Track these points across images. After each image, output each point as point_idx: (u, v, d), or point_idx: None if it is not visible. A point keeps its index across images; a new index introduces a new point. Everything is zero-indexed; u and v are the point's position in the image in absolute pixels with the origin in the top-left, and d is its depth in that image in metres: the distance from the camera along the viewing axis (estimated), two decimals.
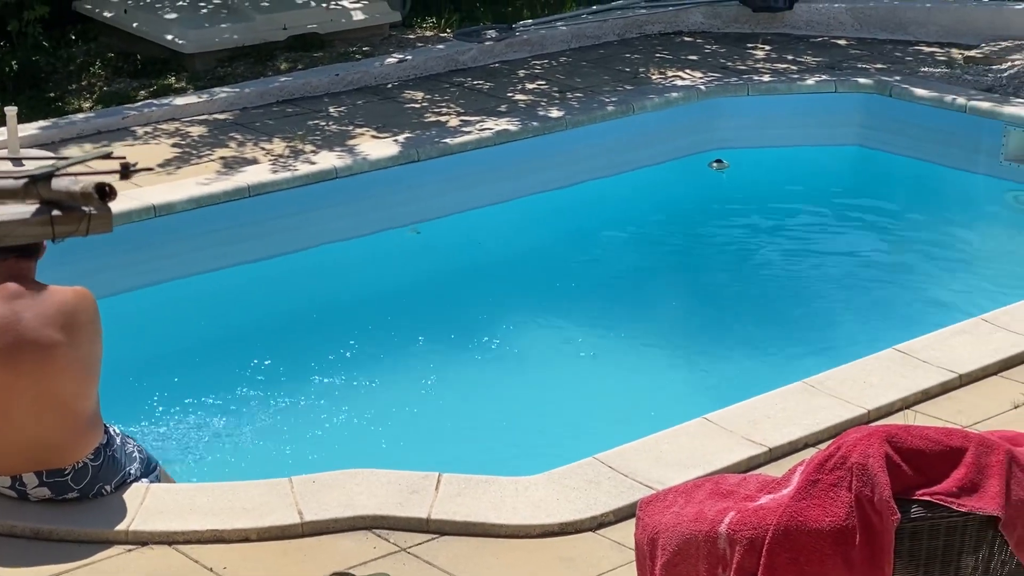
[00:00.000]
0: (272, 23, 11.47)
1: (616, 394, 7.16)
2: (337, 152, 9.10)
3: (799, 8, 12.27)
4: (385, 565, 5.08)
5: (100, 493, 5.42)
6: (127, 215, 8.08)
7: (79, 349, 5.27)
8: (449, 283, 8.56)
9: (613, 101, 10.18)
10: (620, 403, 7.01)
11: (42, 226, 5.04)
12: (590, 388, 7.24)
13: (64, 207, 5.04)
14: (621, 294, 8.40)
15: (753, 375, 7.03)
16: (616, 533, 5.18)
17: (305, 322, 7.95)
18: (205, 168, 8.86)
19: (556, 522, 5.26)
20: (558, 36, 11.77)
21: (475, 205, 9.23)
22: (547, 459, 5.69)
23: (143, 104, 10.06)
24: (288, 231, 8.60)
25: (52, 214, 5.05)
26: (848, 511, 3.93)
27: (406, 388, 7.23)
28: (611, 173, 9.86)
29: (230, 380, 7.19)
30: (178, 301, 7.99)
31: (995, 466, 4.00)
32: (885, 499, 3.89)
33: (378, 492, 5.42)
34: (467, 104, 10.18)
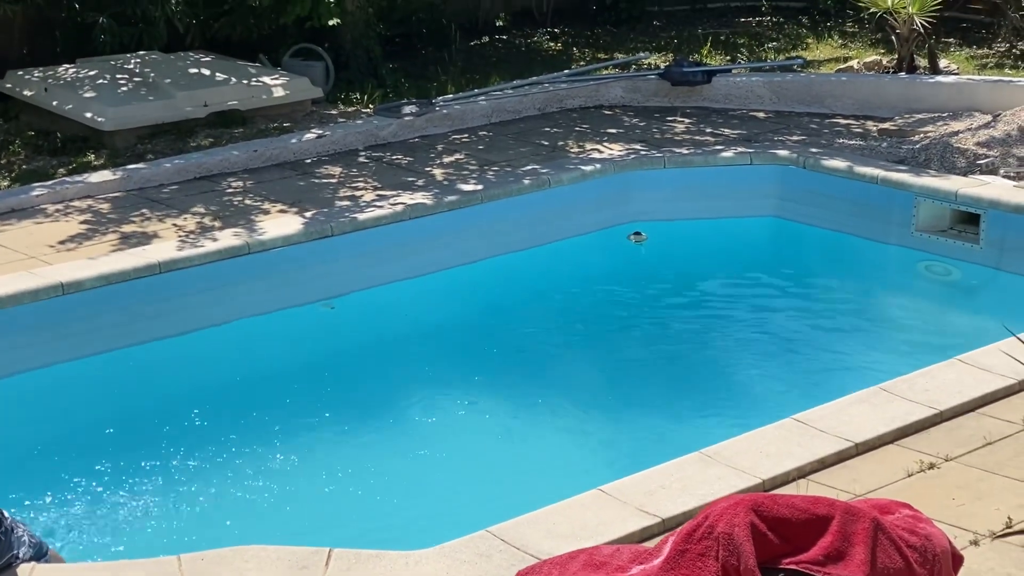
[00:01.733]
0: (193, 100, 11.51)
1: (512, 466, 7.17)
2: (249, 228, 9.11)
3: (717, 82, 12.42)
4: None
5: None
6: (33, 293, 8.07)
7: None
8: (359, 358, 8.56)
9: (530, 174, 10.25)
10: (517, 475, 7.02)
11: None
12: (487, 461, 7.25)
13: None
14: (529, 366, 8.42)
15: (652, 446, 7.05)
16: None
17: (209, 398, 7.91)
18: (116, 245, 8.85)
19: None
20: (478, 111, 11.86)
21: (390, 279, 9.26)
22: (440, 532, 5.67)
23: (57, 182, 10.06)
24: (200, 307, 8.58)
25: None
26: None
27: (301, 462, 7.21)
28: (528, 246, 9.92)
29: (126, 458, 7.13)
30: (81, 380, 7.94)
31: (861, 533, 4.04)
32: (750, 568, 3.91)
33: (268, 568, 5.38)
34: (384, 179, 10.23)
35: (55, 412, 7.65)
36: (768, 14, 16.73)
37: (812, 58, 14.14)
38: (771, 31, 15.82)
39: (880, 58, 13.42)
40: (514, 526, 5.64)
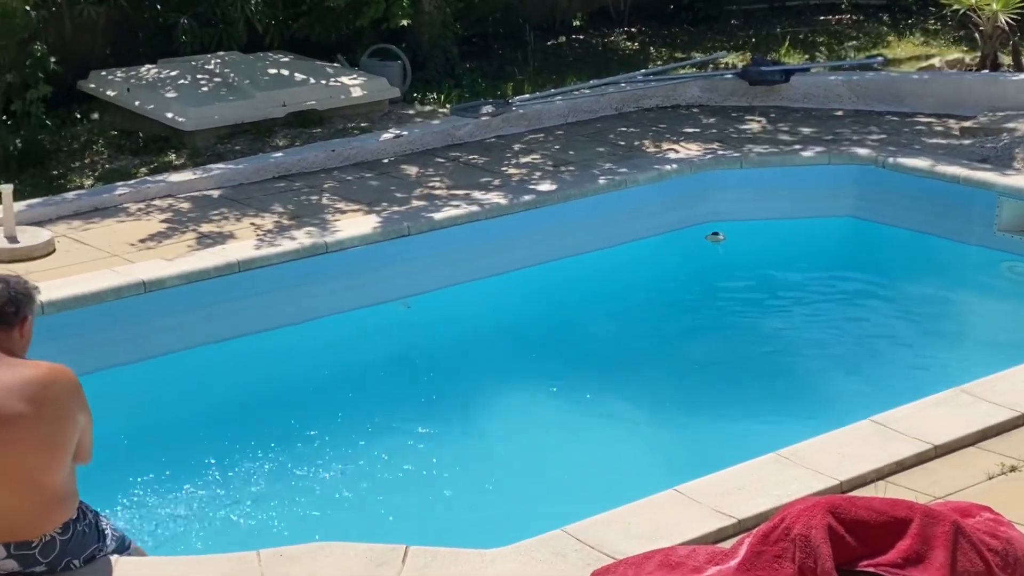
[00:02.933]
0: (272, 100, 11.60)
1: (589, 466, 7.17)
2: (328, 227, 9.17)
3: (796, 81, 12.34)
4: None
5: (68, 567, 5.43)
6: (116, 290, 8.17)
7: (46, 423, 5.28)
8: (435, 358, 8.59)
9: (606, 174, 10.25)
10: (593, 475, 7.02)
11: None
12: (563, 460, 7.26)
13: None
14: (605, 367, 8.41)
15: (728, 447, 7.01)
16: None
17: (287, 396, 7.99)
18: (197, 243, 8.94)
19: None
20: (555, 111, 11.87)
21: (465, 279, 9.28)
22: (516, 532, 5.68)
23: (139, 181, 10.18)
24: (277, 306, 8.65)
25: None
26: None
27: (378, 461, 7.25)
28: (604, 246, 9.90)
29: (206, 455, 7.21)
30: (164, 377, 8.04)
31: (941, 537, 4.01)
32: (827, 570, 3.89)
33: (344, 565, 5.42)
34: (460, 179, 10.26)
35: (136, 409, 7.74)
36: (848, 12, 16.61)
37: (893, 56, 14.03)
38: (851, 29, 15.70)
39: (963, 56, 13.30)
40: (590, 526, 5.64)
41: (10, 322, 5.39)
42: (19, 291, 5.44)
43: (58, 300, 7.92)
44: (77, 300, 8.04)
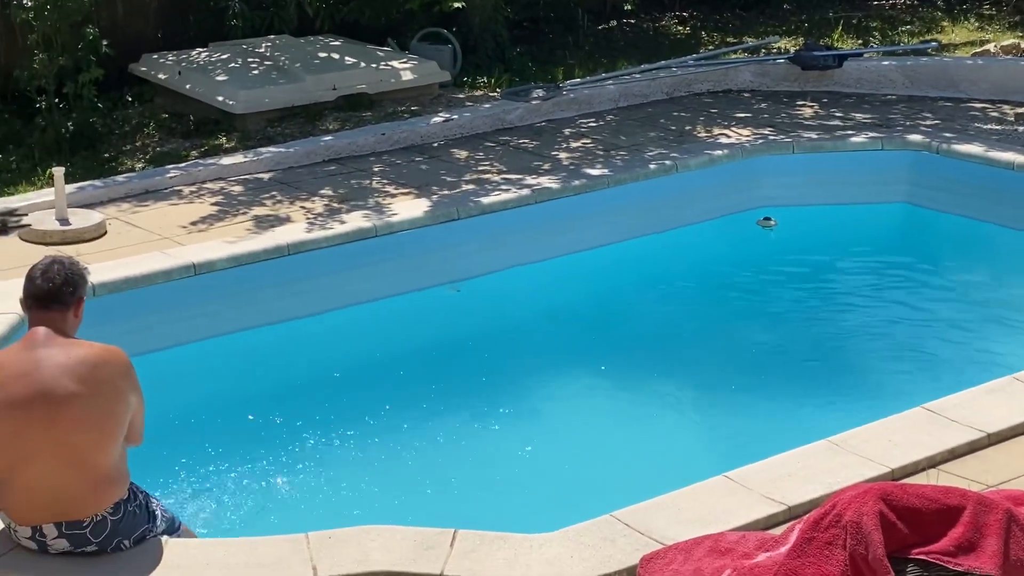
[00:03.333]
0: (322, 84, 11.61)
1: (638, 451, 7.14)
2: (377, 211, 9.17)
3: (848, 66, 12.25)
4: None
5: (119, 548, 5.46)
6: (166, 273, 8.20)
7: (98, 404, 5.32)
8: (484, 342, 8.57)
9: (657, 159, 10.21)
10: (641, 461, 7.00)
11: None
12: (612, 445, 7.23)
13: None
14: (654, 352, 8.36)
15: (778, 433, 6.97)
16: None
17: (336, 380, 7.99)
18: (247, 226, 8.97)
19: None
20: (606, 95, 11.83)
21: (515, 263, 9.26)
22: (564, 516, 5.67)
23: (190, 164, 10.22)
24: (327, 289, 8.66)
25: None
26: (843, 569, 3.91)
27: (427, 443, 7.25)
28: (654, 231, 9.86)
29: (258, 437, 7.24)
30: (213, 359, 8.06)
31: (993, 525, 3.96)
32: (879, 557, 3.86)
33: (393, 548, 5.43)
34: (510, 163, 10.24)
35: (185, 391, 7.76)
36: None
37: (947, 41, 13.90)
38: (905, 14, 15.57)
39: (1018, 41, 13.16)
40: (639, 511, 5.62)
41: (67, 302, 5.44)
42: (75, 272, 5.48)
43: (109, 282, 7.96)
44: (127, 282, 8.07)
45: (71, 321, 5.46)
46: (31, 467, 5.33)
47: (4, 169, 10.41)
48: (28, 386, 5.28)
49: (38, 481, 5.34)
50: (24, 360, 5.33)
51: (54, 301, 5.42)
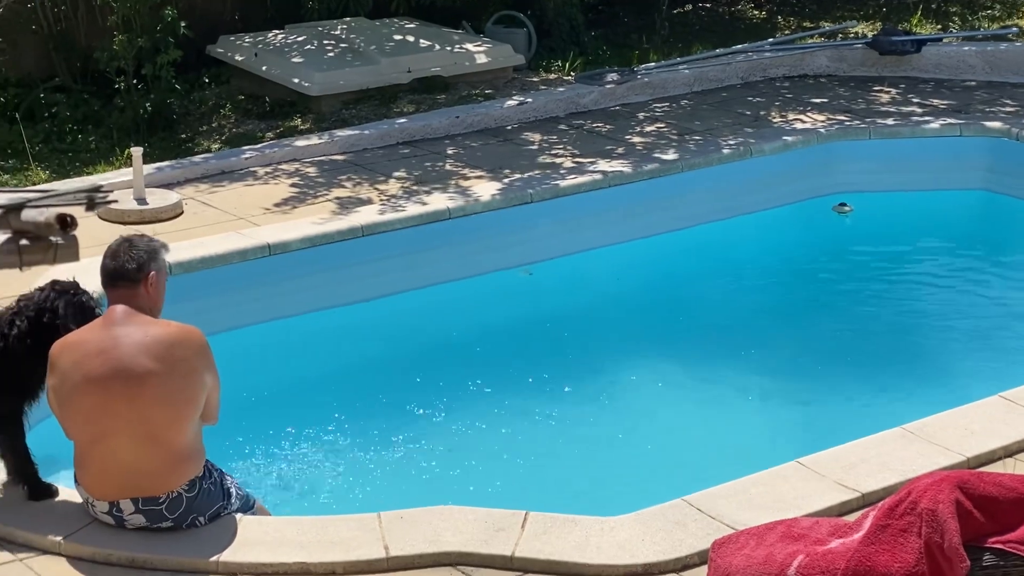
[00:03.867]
0: (397, 66, 11.64)
1: (709, 436, 7.12)
2: (451, 193, 9.19)
3: (927, 52, 12.13)
4: None
5: (194, 524, 5.52)
6: (242, 253, 8.27)
7: (174, 382, 5.38)
8: (557, 325, 8.56)
9: (731, 144, 10.16)
10: (712, 445, 6.98)
11: (8, 255, 5.16)
12: (683, 430, 7.21)
13: (32, 237, 5.16)
14: (727, 337, 8.32)
15: (851, 420, 6.94)
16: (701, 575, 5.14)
17: (408, 361, 8.02)
18: (321, 208, 9.02)
19: (640, 563, 5.24)
20: (680, 79, 11.78)
21: (588, 247, 9.26)
22: (635, 500, 5.67)
23: (266, 145, 10.29)
24: (400, 271, 8.69)
25: (20, 244, 5.17)
26: (917, 557, 3.88)
27: (498, 425, 7.26)
28: (728, 216, 9.82)
29: (330, 417, 7.27)
30: (287, 339, 8.12)
31: None
32: (954, 546, 3.83)
33: (464, 529, 5.45)
34: (584, 146, 10.23)
35: (259, 371, 7.82)
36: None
37: None
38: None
39: None
40: (710, 496, 5.61)
41: (134, 279, 5.49)
42: (142, 248, 5.53)
43: (185, 261, 8.03)
44: (203, 262, 8.14)
45: (144, 297, 5.51)
46: (109, 444, 5.40)
47: (83, 149, 10.52)
48: (106, 363, 5.35)
49: (115, 457, 5.41)
50: (103, 338, 5.40)
51: (121, 278, 5.49)
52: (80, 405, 5.40)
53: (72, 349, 5.43)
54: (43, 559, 5.42)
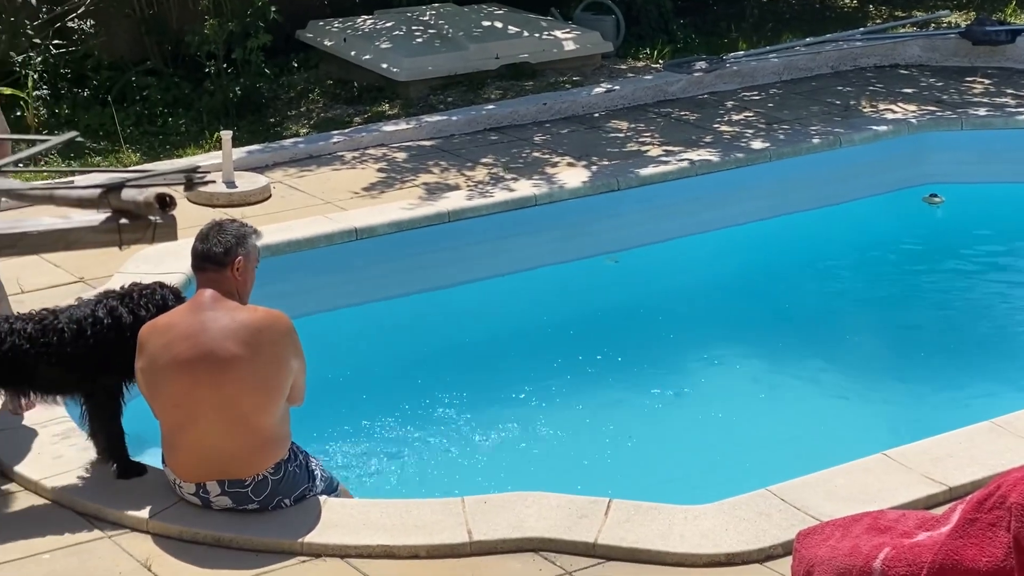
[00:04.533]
0: (485, 52, 11.65)
1: (794, 427, 7.08)
2: (537, 180, 9.19)
3: (1022, 42, 11.95)
4: None
5: (279, 506, 5.57)
6: (328, 237, 8.32)
7: (260, 366, 5.42)
8: (641, 313, 8.55)
9: (820, 133, 10.08)
10: (797, 436, 6.93)
11: (109, 233, 5.21)
12: (767, 420, 7.17)
13: (132, 216, 5.21)
14: (813, 328, 8.27)
15: (939, 413, 6.87)
16: (784, 566, 5.10)
17: (492, 347, 8.04)
18: (408, 193, 9.05)
19: (723, 552, 5.23)
20: (769, 68, 11.70)
21: (674, 235, 9.22)
22: (719, 489, 5.65)
23: (353, 130, 10.34)
24: (486, 257, 8.71)
25: (120, 223, 5.22)
26: (1006, 552, 3.83)
27: (583, 413, 7.26)
28: (816, 206, 9.73)
29: (414, 401, 7.31)
30: (373, 323, 8.16)
31: None
32: None
33: (547, 515, 5.46)
34: (671, 134, 10.19)
35: (344, 354, 7.87)
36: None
37: None
38: None
39: None
40: (795, 486, 5.58)
41: (221, 262, 5.53)
42: (231, 233, 5.57)
43: (272, 244, 8.08)
44: (290, 245, 8.20)
45: (231, 281, 5.55)
46: (196, 427, 5.46)
47: (173, 132, 10.63)
48: (194, 347, 5.41)
49: (202, 441, 5.47)
50: (190, 322, 5.46)
51: (208, 261, 5.53)
52: (167, 389, 5.47)
53: (160, 332, 5.50)
54: (130, 536, 5.50)
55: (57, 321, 5.66)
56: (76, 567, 5.31)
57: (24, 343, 5.61)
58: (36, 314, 5.73)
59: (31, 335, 5.62)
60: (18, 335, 5.61)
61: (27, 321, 5.67)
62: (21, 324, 5.65)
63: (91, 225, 5.25)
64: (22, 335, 5.61)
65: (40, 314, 5.72)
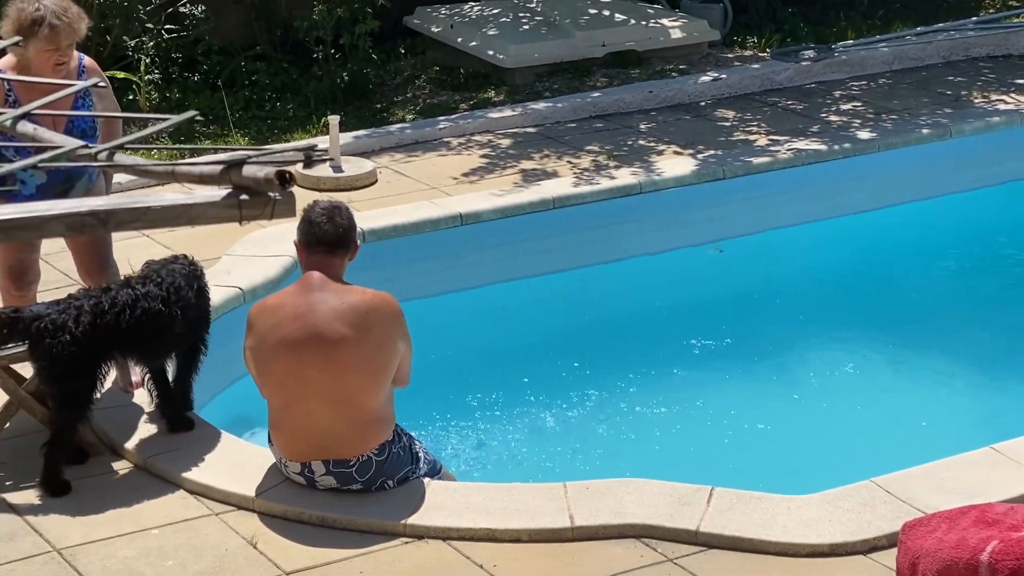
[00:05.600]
0: (591, 40, 11.63)
1: (899, 419, 7.01)
2: (642, 168, 9.17)
3: None
4: (650, 575, 5.11)
5: (383, 487, 5.62)
6: (434, 222, 8.36)
7: (367, 348, 5.47)
8: (745, 303, 8.50)
9: (929, 124, 9.96)
10: (903, 428, 6.86)
11: (229, 209, 5.26)
12: (872, 411, 7.10)
13: (252, 192, 5.26)
14: (919, 320, 8.17)
15: None
16: (889, 558, 5.06)
17: (596, 334, 8.04)
18: (512, 179, 9.07)
19: (827, 543, 5.20)
20: (879, 57, 11.58)
21: (779, 225, 9.16)
22: (822, 480, 5.61)
23: (459, 116, 10.38)
24: (589, 244, 8.71)
25: (240, 198, 5.28)
26: None
27: (686, 401, 7.24)
28: (924, 197, 9.62)
29: (516, 386, 7.33)
30: (476, 309, 8.18)
31: None
32: None
33: (649, 502, 5.46)
34: (778, 124, 10.12)
35: (448, 338, 7.89)
36: None
37: None
38: None
39: None
40: (900, 478, 5.54)
41: (342, 246, 5.60)
42: (347, 218, 5.64)
43: (378, 229, 8.15)
44: (396, 230, 8.25)
45: (342, 265, 5.62)
46: (302, 406, 5.52)
47: (281, 117, 10.73)
48: (302, 328, 5.47)
49: (308, 420, 5.53)
50: (299, 303, 5.52)
51: (327, 244, 5.58)
52: (275, 368, 5.54)
53: (270, 312, 5.57)
54: (237, 514, 5.57)
55: (174, 281, 5.87)
56: (183, 543, 5.40)
57: (157, 304, 5.79)
58: (146, 276, 5.88)
59: (163, 297, 5.81)
60: (149, 299, 5.79)
61: (145, 284, 5.83)
62: (145, 288, 5.82)
63: (212, 201, 5.32)
64: (152, 298, 5.78)
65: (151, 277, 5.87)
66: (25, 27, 6.04)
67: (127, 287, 5.81)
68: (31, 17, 6.02)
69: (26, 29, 6.04)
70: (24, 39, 6.06)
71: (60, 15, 6.05)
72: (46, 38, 6.04)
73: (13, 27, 6.08)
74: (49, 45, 6.04)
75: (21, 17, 6.05)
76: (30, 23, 6.03)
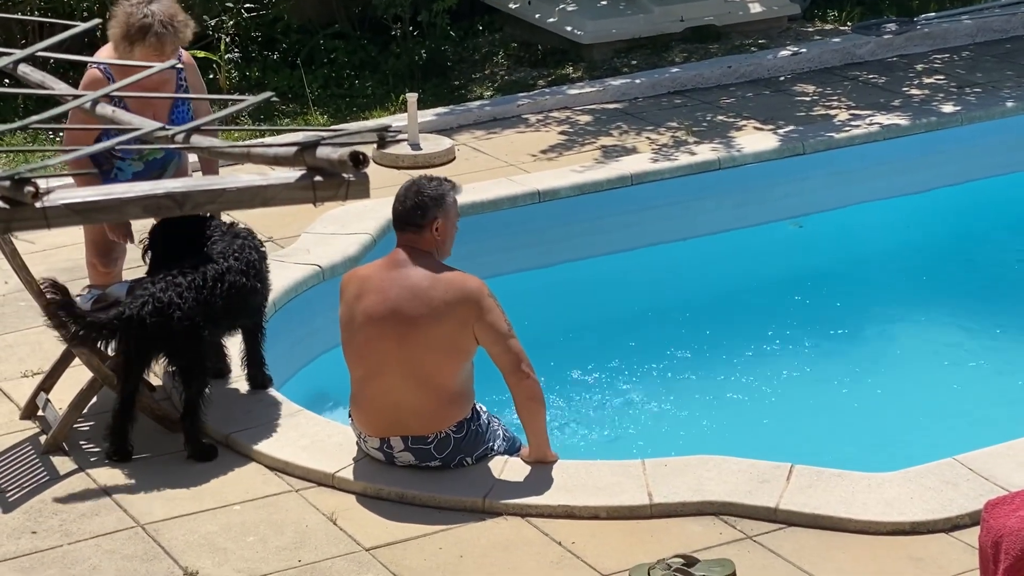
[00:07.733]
0: (669, 15, 11.56)
1: (982, 396, 6.93)
2: (721, 143, 9.11)
3: None
4: (729, 551, 5.10)
5: (461, 464, 5.64)
6: (512, 199, 8.35)
7: (444, 327, 5.49)
8: (826, 279, 8.41)
9: (1014, 97, 9.82)
10: (986, 405, 6.78)
11: (304, 191, 5.26)
12: (955, 388, 7.02)
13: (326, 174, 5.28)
14: (1002, 295, 8.07)
15: None
16: (971, 536, 5.01)
17: (674, 311, 8.00)
18: (591, 156, 9.05)
19: (908, 521, 5.17)
20: (962, 30, 11.41)
21: (860, 200, 9.07)
22: (903, 457, 5.57)
23: (537, 93, 10.36)
24: (669, 220, 8.67)
25: (314, 180, 5.30)
26: None
27: (765, 378, 7.18)
28: (1008, 171, 9.48)
29: (597, 363, 7.30)
30: (556, 285, 8.18)
31: None
32: None
33: (728, 479, 5.44)
34: (859, 98, 10.01)
35: (525, 317, 7.81)
36: None
37: None
38: None
39: None
40: (984, 456, 5.48)
41: (418, 224, 5.61)
42: (428, 195, 5.64)
43: None
44: (474, 207, 8.23)
45: (430, 241, 5.62)
46: (380, 381, 5.55)
47: (360, 95, 10.76)
48: (383, 303, 5.51)
49: (385, 395, 5.56)
50: (383, 277, 5.57)
51: (407, 223, 5.62)
52: (358, 338, 5.59)
53: (357, 282, 5.65)
54: (316, 491, 5.62)
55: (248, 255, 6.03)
56: (264, 519, 5.45)
57: (240, 278, 5.93)
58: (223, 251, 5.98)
59: (243, 270, 5.95)
60: (234, 272, 5.92)
61: (226, 258, 5.95)
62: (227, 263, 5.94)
63: (287, 182, 5.35)
64: (237, 271, 5.92)
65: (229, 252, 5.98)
66: (133, 32, 6.12)
67: (210, 262, 5.90)
68: (139, 24, 6.09)
69: (133, 35, 6.11)
70: (130, 43, 6.12)
71: (167, 23, 6.11)
72: (152, 46, 6.10)
73: (121, 30, 6.14)
74: (154, 52, 6.09)
75: (129, 22, 6.11)
76: (137, 29, 6.10)
